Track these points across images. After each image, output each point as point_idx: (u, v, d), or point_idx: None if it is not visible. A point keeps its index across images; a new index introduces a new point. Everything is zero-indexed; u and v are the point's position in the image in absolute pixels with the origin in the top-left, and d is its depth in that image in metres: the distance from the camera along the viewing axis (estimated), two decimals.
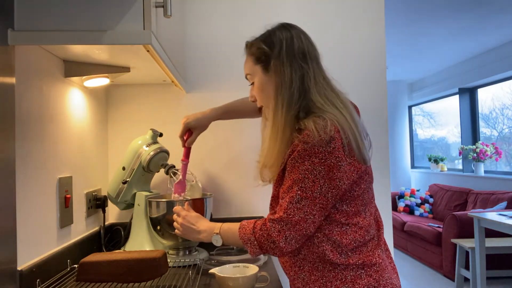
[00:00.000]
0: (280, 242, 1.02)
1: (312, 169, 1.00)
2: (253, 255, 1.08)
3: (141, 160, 1.46)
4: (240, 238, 1.08)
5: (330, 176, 1.00)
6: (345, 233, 1.04)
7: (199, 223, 1.18)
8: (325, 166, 1.00)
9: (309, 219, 1.01)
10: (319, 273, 1.04)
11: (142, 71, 1.42)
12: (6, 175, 0.92)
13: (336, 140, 0.99)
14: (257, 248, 1.06)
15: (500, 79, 5.29)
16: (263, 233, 1.05)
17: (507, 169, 5.33)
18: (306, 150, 1.00)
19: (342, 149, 1.00)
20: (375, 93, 1.76)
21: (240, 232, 1.08)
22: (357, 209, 1.06)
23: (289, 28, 1.12)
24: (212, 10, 1.74)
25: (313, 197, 1.01)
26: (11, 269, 0.94)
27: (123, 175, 1.48)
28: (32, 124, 1.07)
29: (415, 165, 7.45)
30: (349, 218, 1.05)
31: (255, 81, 1.13)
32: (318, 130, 0.99)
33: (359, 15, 1.77)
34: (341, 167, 1.00)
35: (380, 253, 1.07)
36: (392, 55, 5.25)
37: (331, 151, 0.99)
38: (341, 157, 1.00)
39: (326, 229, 1.04)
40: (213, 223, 1.17)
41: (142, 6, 0.97)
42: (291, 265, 1.10)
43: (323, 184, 1.00)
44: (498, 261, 3.99)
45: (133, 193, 1.50)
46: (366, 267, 1.03)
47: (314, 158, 1.00)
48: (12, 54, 0.96)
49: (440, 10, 3.82)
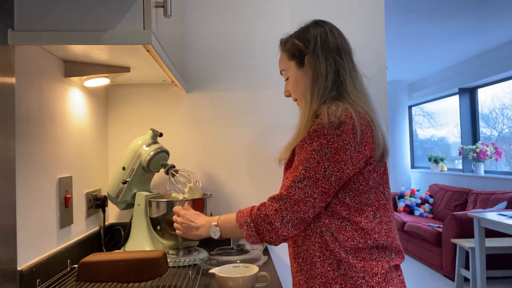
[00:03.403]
0: (276, 222, 1.02)
1: (319, 149, 1.02)
2: (249, 240, 1.07)
3: (141, 160, 1.46)
4: (237, 222, 1.08)
5: (335, 159, 1.01)
6: (344, 229, 1.02)
7: (197, 220, 1.19)
8: (331, 148, 1.01)
9: (309, 201, 1.02)
10: (320, 270, 1.02)
11: (142, 71, 1.42)
12: (6, 175, 0.92)
13: (346, 124, 1.01)
14: (253, 231, 1.05)
15: (500, 79, 5.29)
16: (260, 213, 1.05)
17: (507, 169, 5.33)
18: (316, 131, 1.03)
19: (351, 134, 1.01)
20: (375, 93, 1.76)
21: (238, 217, 1.09)
22: (361, 207, 1.04)
23: (322, 24, 1.16)
24: (211, 10, 1.74)
25: (316, 178, 1.01)
26: (11, 269, 0.94)
27: (123, 175, 1.48)
28: (32, 124, 1.07)
29: (415, 165, 7.45)
30: (350, 214, 1.03)
31: (289, 76, 1.18)
32: (329, 114, 1.02)
33: (359, 15, 1.77)
34: (347, 150, 1.01)
35: (387, 267, 1.02)
36: (392, 55, 5.25)
37: (339, 134, 1.01)
38: (349, 141, 1.01)
39: (327, 219, 1.04)
40: (211, 217, 1.19)
41: (142, 6, 0.97)
42: (294, 256, 1.09)
43: (328, 166, 1.01)
44: (498, 261, 3.99)
45: (133, 193, 1.50)
46: (367, 276, 0.99)
47: (323, 140, 1.02)
48: (12, 54, 0.96)
49: (440, 10, 3.82)
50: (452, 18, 4.04)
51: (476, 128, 5.85)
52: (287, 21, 1.75)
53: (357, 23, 1.77)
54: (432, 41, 4.81)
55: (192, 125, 1.73)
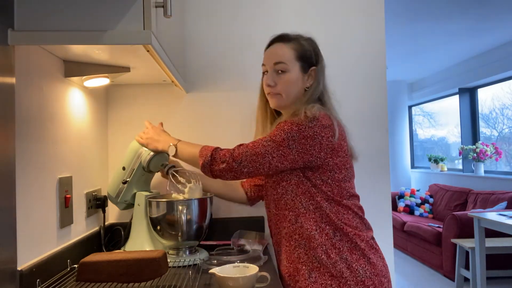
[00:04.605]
0: (234, 163, 1.22)
1: (288, 131, 1.18)
2: (201, 168, 1.29)
3: (141, 160, 1.46)
4: (199, 152, 1.30)
5: (302, 142, 1.18)
6: (332, 206, 1.23)
7: (161, 135, 1.42)
8: (300, 134, 1.18)
9: (267, 157, 1.20)
10: (319, 240, 1.20)
11: (142, 71, 1.42)
12: (6, 175, 0.92)
13: (319, 120, 1.19)
14: (208, 163, 1.26)
15: (500, 79, 5.29)
16: (221, 151, 1.27)
17: (507, 169, 5.33)
18: (289, 120, 1.20)
19: (323, 128, 1.18)
20: (375, 93, 1.76)
21: (202, 148, 1.31)
22: (340, 191, 1.24)
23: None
24: (212, 10, 1.74)
25: (279, 143, 1.19)
26: (11, 269, 0.94)
27: (123, 175, 1.48)
28: (32, 124, 1.07)
29: (415, 165, 7.45)
30: (334, 195, 1.23)
31: (289, 73, 1.28)
32: (305, 111, 1.19)
33: (359, 15, 1.77)
34: (316, 139, 1.18)
35: (370, 236, 1.27)
36: (392, 55, 5.25)
37: (311, 126, 1.18)
38: (319, 133, 1.18)
39: (318, 197, 1.22)
40: (173, 138, 1.41)
41: (142, 6, 0.97)
42: (289, 235, 1.24)
43: (292, 144, 1.18)
44: (498, 261, 3.99)
45: (133, 193, 1.50)
46: (358, 239, 1.21)
47: (294, 126, 1.18)
48: (12, 54, 0.96)
49: (440, 10, 3.82)
50: (452, 18, 4.04)
51: (476, 128, 5.85)
52: (287, 21, 1.75)
53: (357, 23, 1.77)
54: (432, 41, 4.81)
55: (192, 125, 1.73)
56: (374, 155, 1.73)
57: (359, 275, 1.18)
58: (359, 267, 1.19)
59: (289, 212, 1.25)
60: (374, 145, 1.74)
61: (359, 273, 1.18)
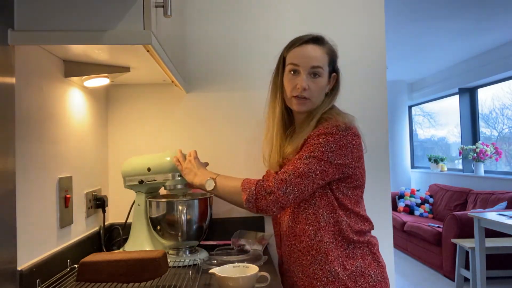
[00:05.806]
0: (279, 191, 1.16)
1: (325, 143, 1.18)
2: (245, 204, 1.21)
3: (167, 182, 1.42)
4: (241, 185, 1.22)
5: (338, 152, 1.18)
6: (350, 217, 1.24)
7: (200, 168, 1.33)
8: (337, 145, 1.18)
9: (311, 176, 1.17)
10: (336, 253, 1.20)
11: (142, 71, 1.42)
12: (6, 175, 0.92)
13: (351, 129, 1.21)
14: (253, 197, 1.19)
15: (500, 79, 5.29)
16: (263, 184, 1.20)
17: (507, 169, 5.33)
18: (323, 130, 1.19)
19: (355, 137, 1.21)
20: (375, 93, 1.76)
21: (244, 181, 1.23)
22: (357, 199, 1.26)
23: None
24: (212, 10, 1.74)
25: (319, 158, 1.17)
26: (11, 269, 0.94)
27: (144, 173, 1.44)
28: (32, 124, 1.07)
29: (415, 165, 7.45)
30: (351, 204, 1.24)
31: (321, 78, 1.26)
32: (337, 120, 1.21)
33: (359, 15, 1.77)
34: (349, 147, 1.19)
35: (377, 241, 1.31)
36: (392, 55, 5.25)
37: (345, 135, 1.19)
38: (352, 141, 1.20)
39: (339, 210, 1.23)
40: (211, 172, 1.32)
41: (142, 6, 0.97)
42: (307, 250, 1.23)
43: (331, 156, 1.17)
44: (498, 261, 3.99)
45: (139, 190, 1.49)
46: (370, 246, 1.25)
47: (330, 137, 1.18)
48: (12, 54, 0.96)
49: (440, 10, 3.82)
50: (452, 18, 4.04)
51: (476, 128, 5.85)
52: (287, 21, 1.75)
53: (357, 23, 1.77)
54: (432, 41, 4.81)
55: (192, 125, 1.73)
56: (374, 155, 1.73)
57: (371, 280, 1.21)
58: (371, 272, 1.22)
59: (309, 227, 1.23)
60: (374, 145, 1.74)
61: (371, 278, 1.21)
